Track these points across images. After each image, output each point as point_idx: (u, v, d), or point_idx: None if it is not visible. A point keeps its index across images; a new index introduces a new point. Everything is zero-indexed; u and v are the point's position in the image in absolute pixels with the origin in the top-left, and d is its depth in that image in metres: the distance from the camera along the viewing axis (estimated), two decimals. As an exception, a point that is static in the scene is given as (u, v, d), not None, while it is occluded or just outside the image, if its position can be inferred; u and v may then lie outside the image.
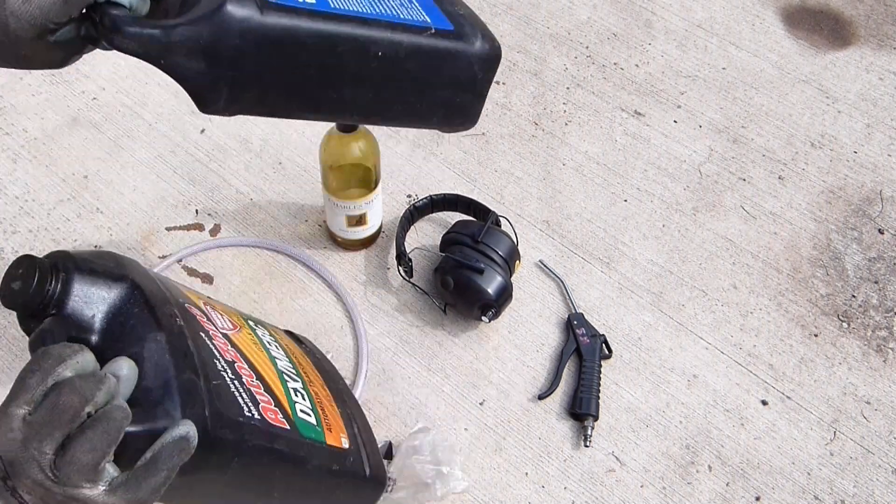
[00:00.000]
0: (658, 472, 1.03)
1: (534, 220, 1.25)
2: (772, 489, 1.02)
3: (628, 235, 1.24)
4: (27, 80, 1.38)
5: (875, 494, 1.02)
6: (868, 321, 1.17)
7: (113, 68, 1.40)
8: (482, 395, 1.08)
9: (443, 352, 1.12)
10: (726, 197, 1.29)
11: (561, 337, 1.13)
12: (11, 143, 1.30)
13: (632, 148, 1.35)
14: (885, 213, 1.29)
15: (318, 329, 1.13)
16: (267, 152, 1.31)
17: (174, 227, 1.22)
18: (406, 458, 0.98)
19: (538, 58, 1.46)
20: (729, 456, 1.05)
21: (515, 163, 1.32)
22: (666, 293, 1.18)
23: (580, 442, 1.05)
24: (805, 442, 1.06)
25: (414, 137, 1.34)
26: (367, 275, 1.18)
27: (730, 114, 1.40)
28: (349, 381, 1.09)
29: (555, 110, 1.39)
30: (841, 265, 1.23)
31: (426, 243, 1.22)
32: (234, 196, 1.26)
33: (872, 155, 1.36)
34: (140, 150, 1.30)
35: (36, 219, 1.22)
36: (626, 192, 1.29)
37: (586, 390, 1.06)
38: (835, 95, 1.43)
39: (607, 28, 1.51)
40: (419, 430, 1.02)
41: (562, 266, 1.20)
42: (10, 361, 1.08)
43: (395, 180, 1.28)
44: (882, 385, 1.11)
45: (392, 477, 0.97)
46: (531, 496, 1.01)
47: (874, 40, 1.52)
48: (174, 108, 1.36)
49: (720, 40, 1.50)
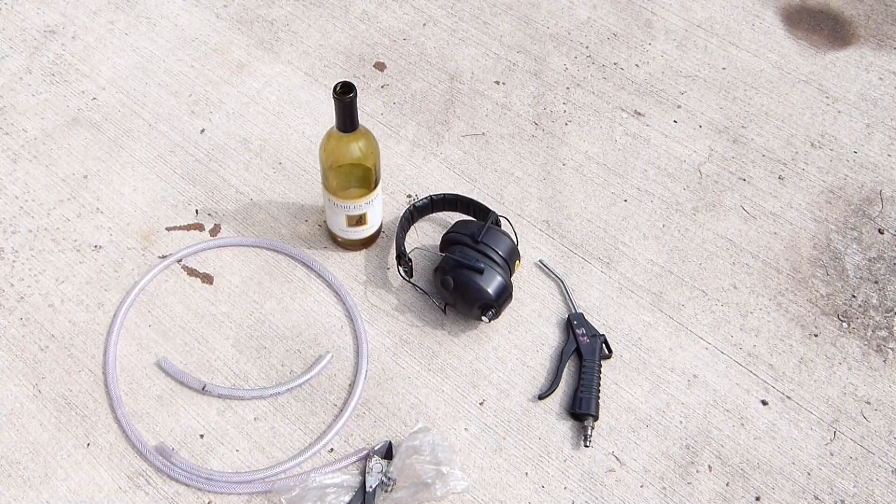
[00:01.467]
0: (658, 472, 1.03)
1: (534, 220, 1.25)
2: (772, 489, 1.02)
3: (628, 235, 1.24)
4: (27, 80, 1.38)
5: (875, 494, 1.02)
6: (868, 321, 1.17)
7: (113, 68, 1.40)
8: (482, 395, 1.08)
9: (443, 352, 1.12)
10: (726, 197, 1.29)
11: (561, 337, 1.13)
12: (11, 143, 1.30)
13: (632, 148, 1.35)
14: (885, 213, 1.29)
15: (318, 329, 1.13)
16: (267, 152, 1.31)
17: (174, 227, 1.22)
18: (406, 458, 0.98)
19: (538, 58, 1.46)
20: (729, 456, 1.05)
21: (515, 163, 1.32)
22: (666, 293, 1.18)
23: (580, 442, 1.05)
24: (805, 442, 1.06)
25: (414, 137, 1.34)
26: (367, 275, 1.18)
27: (730, 114, 1.40)
28: (349, 381, 1.09)
29: (555, 110, 1.39)
30: (841, 265, 1.23)
31: (426, 243, 1.22)
32: (234, 196, 1.26)
33: (872, 155, 1.36)
34: (140, 150, 1.30)
35: (36, 219, 1.22)
36: (626, 192, 1.29)
37: (586, 390, 1.06)
38: (835, 95, 1.43)
39: (607, 28, 1.51)
40: (419, 430, 1.02)
41: (562, 266, 1.20)
42: (10, 361, 1.09)
43: (395, 180, 1.28)
44: (882, 385, 1.11)
45: (392, 477, 0.97)
46: (531, 496, 1.01)
47: (874, 40, 1.52)
48: (174, 108, 1.36)
49: (720, 40, 1.50)
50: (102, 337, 1.11)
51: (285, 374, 1.09)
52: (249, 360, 1.10)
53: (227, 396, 1.06)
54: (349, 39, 1.47)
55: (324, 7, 1.52)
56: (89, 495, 0.99)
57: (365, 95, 1.38)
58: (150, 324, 1.13)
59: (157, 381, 1.08)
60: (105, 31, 1.46)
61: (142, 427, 1.04)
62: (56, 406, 1.05)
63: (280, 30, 1.48)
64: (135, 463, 1.01)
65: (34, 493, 0.99)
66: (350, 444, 1.04)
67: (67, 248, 1.19)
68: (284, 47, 1.45)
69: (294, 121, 1.35)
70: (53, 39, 1.44)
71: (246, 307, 1.15)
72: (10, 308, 1.13)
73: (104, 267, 1.17)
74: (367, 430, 1.05)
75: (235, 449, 1.03)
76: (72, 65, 1.41)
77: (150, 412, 1.05)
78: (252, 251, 1.20)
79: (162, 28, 1.47)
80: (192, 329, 1.12)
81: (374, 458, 0.99)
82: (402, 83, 1.41)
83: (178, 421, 1.05)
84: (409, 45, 1.46)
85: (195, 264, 1.18)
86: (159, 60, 1.42)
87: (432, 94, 1.40)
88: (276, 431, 1.04)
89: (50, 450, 1.02)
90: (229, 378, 1.08)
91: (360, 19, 1.50)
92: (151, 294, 1.15)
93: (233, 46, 1.45)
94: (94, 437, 1.03)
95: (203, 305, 1.14)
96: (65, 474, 1.00)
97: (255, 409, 1.06)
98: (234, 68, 1.42)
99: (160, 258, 1.18)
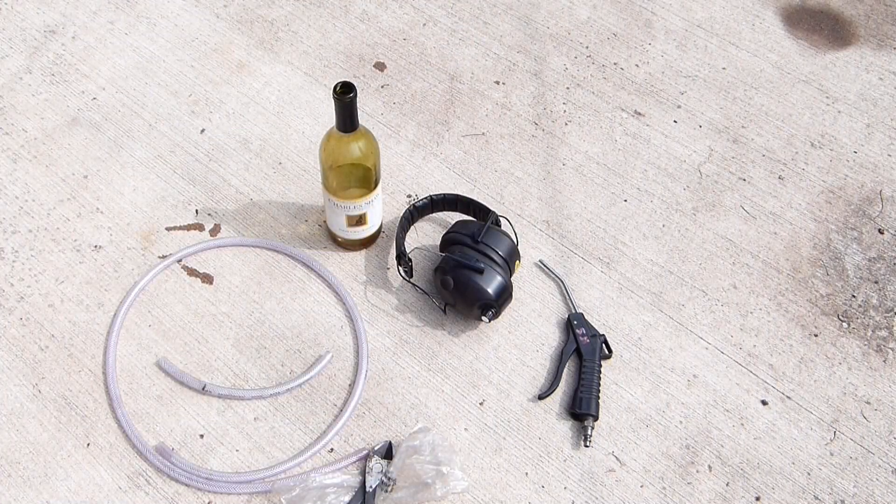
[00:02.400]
0: (658, 472, 1.03)
1: (534, 220, 1.25)
2: (772, 489, 1.02)
3: (628, 235, 1.24)
4: (27, 80, 1.38)
5: (875, 494, 1.02)
6: (868, 321, 1.17)
7: (113, 68, 1.40)
8: (482, 395, 1.08)
9: (443, 352, 1.12)
10: (726, 197, 1.29)
11: (561, 337, 1.13)
12: (11, 143, 1.30)
13: (632, 148, 1.35)
14: (885, 213, 1.29)
15: (318, 329, 1.13)
16: (267, 152, 1.31)
17: (174, 227, 1.22)
18: (406, 458, 0.98)
19: (538, 58, 1.46)
20: (729, 456, 1.05)
21: (515, 163, 1.32)
22: (666, 293, 1.18)
23: (580, 442, 1.05)
24: (805, 442, 1.06)
25: (414, 137, 1.34)
26: (367, 275, 1.18)
27: (730, 114, 1.40)
28: (349, 381, 1.09)
29: (555, 110, 1.39)
30: (841, 265, 1.23)
31: (426, 243, 1.22)
32: (234, 196, 1.26)
33: (872, 155, 1.36)
34: (140, 150, 1.30)
35: (36, 219, 1.22)
36: (626, 192, 1.29)
37: (586, 390, 1.06)
38: (835, 95, 1.43)
39: (607, 28, 1.51)
40: (419, 430, 1.02)
41: (562, 266, 1.20)
42: (10, 361, 1.09)
43: (395, 180, 1.28)
44: (882, 385, 1.11)
45: (392, 477, 0.97)
46: (531, 496, 1.01)
47: (874, 40, 1.52)
48: (174, 108, 1.36)
49: (720, 40, 1.50)
50: (102, 337, 1.11)
51: (285, 374, 1.09)
52: (249, 360, 1.10)
53: (227, 396, 1.06)
54: (349, 39, 1.47)
55: (324, 7, 1.52)
56: (89, 495, 0.99)
57: (365, 95, 1.38)
58: (150, 324, 1.13)
59: (157, 381, 1.08)
60: (105, 31, 1.46)
61: (142, 427, 1.04)
62: (56, 406, 1.05)
63: (280, 30, 1.48)
64: (135, 463, 1.01)
65: (34, 493, 0.99)
66: (350, 444, 1.04)
67: (67, 248, 1.19)
68: (284, 47, 1.45)
69: (294, 121, 1.35)
70: (53, 39, 1.44)
71: (246, 307, 1.15)
72: (10, 308, 1.13)
73: (104, 267, 1.17)
74: (367, 430, 1.05)
75: (235, 449, 1.03)
76: (72, 65, 1.41)
77: (150, 412, 1.05)
78: (252, 251, 1.20)
79: (162, 28, 1.47)
80: (192, 329, 1.12)
81: (374, 458, 0.99)
82: (402, 83, 1.41)
83: (178, 421, 1.05)
84: (409, 45, 1.46)
85: (195, 264, 1.18)
86: (159, 60, 1.42)
87: (432, 94, 1.40)
88: (276, 431, 1.04)
89: (50, 450, 1.02)
90: (229, 378, 1.08)
91: (360, 19, 1.50)
92: (151, 294, 1.15)
93: (233, 46, 1.45)
94: (94, 437, 1.03)
95: (203, 305, 1.14)
96: (65, 474, 1.00)
97: (255, 409, 1.06)
98: (234, 68, 1.42)
99: (160, 258, 1.18)
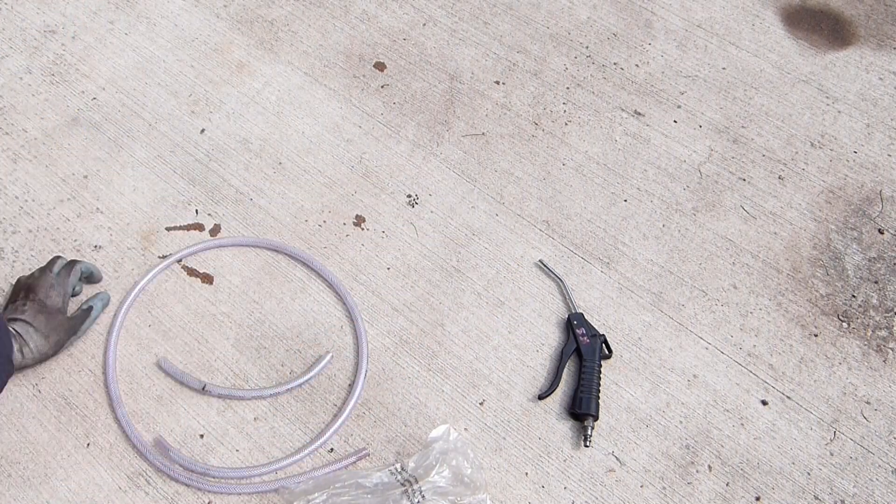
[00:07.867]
0: (658, 472, 1.03)
1: (534, 220, 1.25)
2: (772, 489, 1.02)
3: (628, 235, 1.24)
4: (27, 80, 1.38)
5: (875, 494, 1.02)
6: (868, 321, 1.17)
7: (113, 68, 1.40)
8: (482, 395, 1.08)
9: (443, 352, 1.12)
10: (726, 197, 1.29)
11: (561, 337, 1.13)
12: (11, 143, 1.30)
13: (632, 148, 1.35)
14: (885, 213, 1.29)
15: (318, 329, 1.13)
16: (267, 152, 1.31)
17: (174, 227, 1.22)
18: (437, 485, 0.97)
19: (538, 58, 1.46)
20: (729, 456, 1.05)
21: (515, 163, 1.32)
22: (666, 293, 1.18)
23: (580, 442, 1.05)
24: (805, 442, 1.06)
25: (414, 137, 1.34)
26: (367, 275, 1.18)
27: (730, 114, 1.40)
28: (349, 381, 1.09)
29: (555, 110, 1.39)
30: (841, 265, 1.23)
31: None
32: (234, 196, 1.26)
33: (872, 155, 1.36)
34: (140, 150, 1.30)
35: (36, 219, 1.22)
36: (626, 192, 1.29)
37: (586, 390, 1.06)
38: (835, 95, 1.43)
39: (607, 28, 1.51)
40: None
41: (562, 266, 1.20)
42: (10, 361, 1.09)
43: (395, 180, 1.28)
44: (882, 385, 1.11)
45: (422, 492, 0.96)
46: (531, 496, 1.01)
47: (874, 40, 1.52)
48: (174, 108, 1.36)
49: (720, 40, 1.50)
50: (102, 337, 1.11)
51: (285, 374, 1.09)
52: (249, 360, 1.10)
53: (227, 396, 1.06)
54: (349, 39, 1.47)
55: (324, 7, 1.52)
56: (89, 495, 0.99)
57: (365, 95, 1.38)
58: (150, 324, 1.13)
59: (157, 381, 1.08)
60: (105, 31, 1.46)
61: (142, 427, 1.04)
62: (56, 406, 1.05)
63: (280, 30, 1.48)
64: (135, 463, 1.01)
65: (34, 493, 0.99)
66: (350, 443, 1.04)
67: (67, 248, 1.19)
68: (284, 47, 1.45)
69: (294, 121, 1.35)
70: (53, 39, 1.44)
71: (246, 307, 1.15)
72: (10, 308, 1.13)
73: (104, 267, 1.17)
74: (366, 430, 1.05)
75: (235, 449, 1.03)
76: (72, 65, 1.41)
77: (150, 412, 1.05)
78: (252, 251, 1.20)
79: (162, 28, 1.47)
80: (192, 329, 1.12)
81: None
82: (402, 83, 1.41)
83: (178, 421, 1.05)
84: (409, 45, 1.46)
85: (195, 264, 1.18)
86: (159, 60, 1.42)
87: (432, 94, 1.40)
88: (276, 431, 1.04)
89: (50, 450, 1.02)
90: (229, 378, 1.08)
91: (360, 19, 1.50)
92: (151, 294, 1.15)
93: (233, 46, 1.45)
94: (93, 437, 1.03)
95: (203, 305, 1.14)
96: (65, 474, 1.00)
97: (255, 409, 1.06)
98: (234, 68, 1.42)
99: (160, 258, 1.18)
